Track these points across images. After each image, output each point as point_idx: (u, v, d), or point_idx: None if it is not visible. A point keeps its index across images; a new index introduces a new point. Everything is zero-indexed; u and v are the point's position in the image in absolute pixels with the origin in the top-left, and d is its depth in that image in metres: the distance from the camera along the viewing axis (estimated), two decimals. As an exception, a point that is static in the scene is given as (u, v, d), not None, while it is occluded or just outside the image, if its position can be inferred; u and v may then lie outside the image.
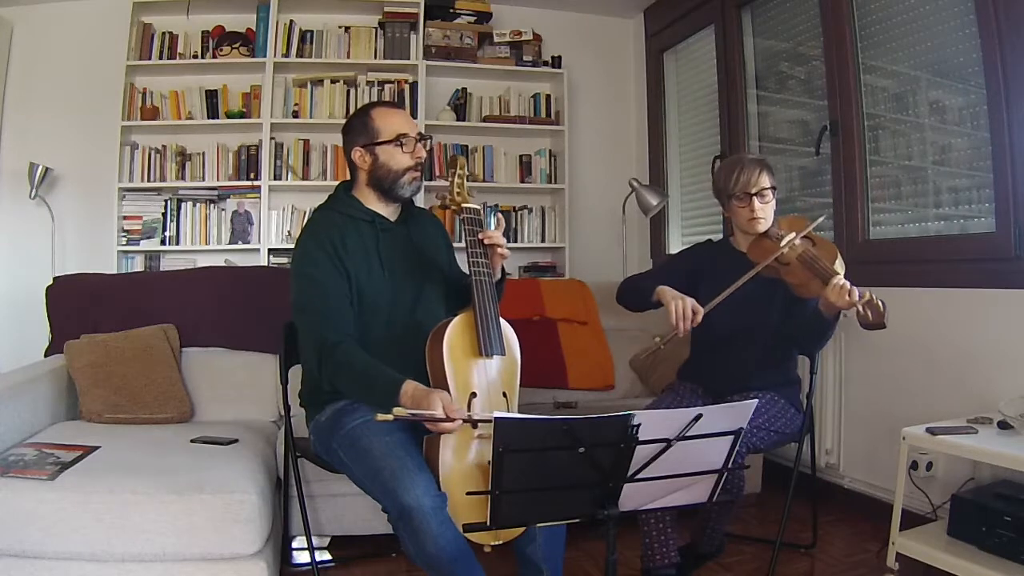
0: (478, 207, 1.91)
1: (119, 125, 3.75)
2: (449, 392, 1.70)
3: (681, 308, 2.02)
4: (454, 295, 2.03)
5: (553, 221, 4.38)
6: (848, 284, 1.93)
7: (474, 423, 1.64)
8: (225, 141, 3.98)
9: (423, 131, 1.94)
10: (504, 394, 1.78)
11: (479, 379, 1.75)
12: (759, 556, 2.45)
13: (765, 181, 2.17)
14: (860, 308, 1.88)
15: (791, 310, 2.18)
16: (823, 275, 1.99)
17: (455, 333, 1.74)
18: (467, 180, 1.94)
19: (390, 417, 1.49)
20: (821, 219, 2.34)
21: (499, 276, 1.93)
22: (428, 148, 1.95)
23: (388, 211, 1.98)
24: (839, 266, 2.04)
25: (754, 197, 2.16)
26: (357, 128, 1.93)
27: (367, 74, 4.10)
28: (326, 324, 1.79)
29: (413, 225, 2.02)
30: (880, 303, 1.87)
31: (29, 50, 3.85)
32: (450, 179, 1.93)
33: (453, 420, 1.56)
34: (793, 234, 2.13)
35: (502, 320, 1.82)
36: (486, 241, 1.84)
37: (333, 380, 1.80)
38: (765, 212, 2.18)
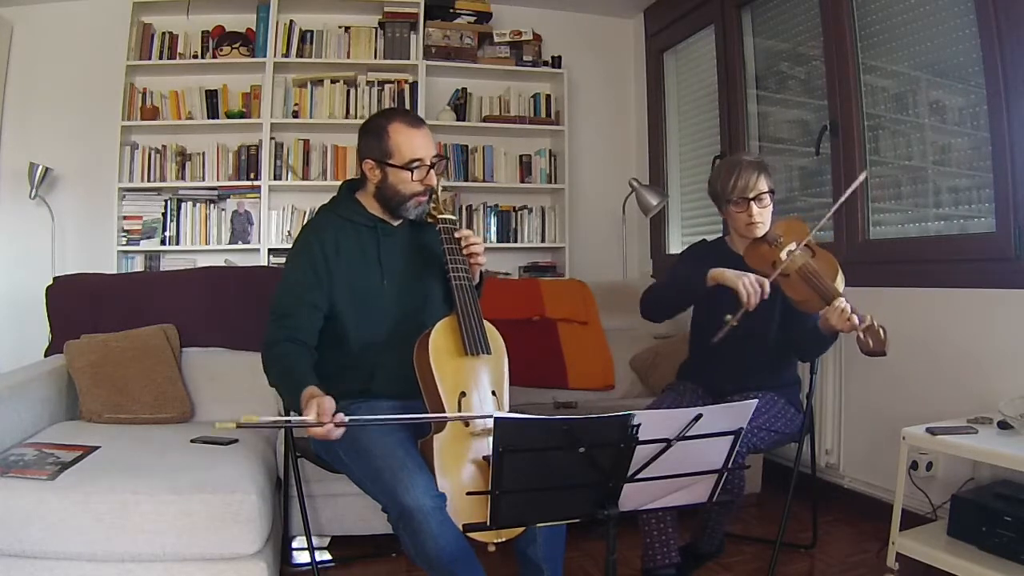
0: (454, 218, 1.96)
1: (119, 125, 3.75)
2: (439, 394, 1.71)
3: (750, 284, 1.96)
4: None
5: (553, 221, 4.38)
6: (849, 309, 1.89)
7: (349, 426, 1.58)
8: (225, 141, 3.98)
9: (434, 158, 1.92)
10: (493, 392, 1.79)
11: (467, 379, 1.76)
12: (759, 556, 2.45)
13: (763, 185, 2.14)
14: (860, 334, 1.85)
15: (789, 320, 2.17)
16: (825, 295, 1.96)
17: (439, 336, 1.76)
18: (441, 192, 1.97)
19: (231, 425, 1.43)
20: (829, 214, 2.23)
21: (478, 280, 1.95)
22: (442, 171, 1.94)
23: (391, 217, 1.97)
24: (840, 282, 2.01)
25: (752, 202, 2.13)
26: (372, 140, 1.89)
27: (367, 74, 4.10)
28: (279, 323, 1.83)
29: (417, 228, 2.01)
30: (881, 330, 1.84)
31: (29, 50, 3.85)
32: None
33: (324, 424, 1.50)
34: (793, 244, 2.08)
35: (485, 321, 1.84)
36: (466, 251, 1.87)
37: (267, 376, 1.83)
38: (763, 216, 2.15)
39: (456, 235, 1.88)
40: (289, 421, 1.58)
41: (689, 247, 2.45)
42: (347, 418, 1.53)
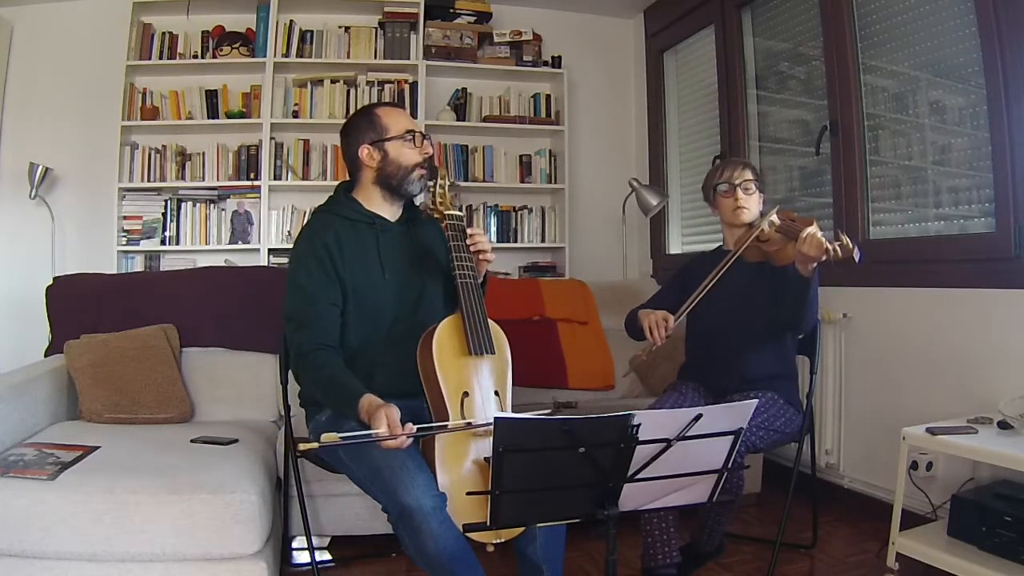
0: (461, 214, 1.94)
1: (119, 125, 3.75)
2: (442, 393, 1.71)
3: (652, 321, 2.15)
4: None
5: (553, 221, 4.38)
6: (819, 233, 1.96)
7: (418, 437, 1.58)
8: (225, 141, 3.98)
9: (423, 131, 1.97)
10: (496, 393, 1.79)
11: (470, 379, 1.76)
12: (759, 556, 2.45)
13: (748, 175, 2.31)
14: (831, 248, 1.91)
15: (777, 288, 2.18)
16: (795, 233, 2.03)
17: (443, 335, 1.76)
18: (448, 189, 1.96)
19: (315, 445, 1.45)
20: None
21: (482, 278, 1.95)
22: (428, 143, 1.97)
23: (390, 212, 1.98)
24: (814, 229, 2.06)
25: (738, 188, 2.28)
26: (363, 126, 1.93)
27: (367, 74, 4.10)
28: (306, 331, 1.81)
29: (414, 226, 2.02)
30: (847, 239, 1.91)
31: (29, 50, 3.85)
32: (432, 189, 1.95)
33: (397, 437, 1.51)
34: (774, 215, 2.20)
35: (490, 320, 1.83)
36: (472, 248, 1.86)
37: (305, 386, 1.84)
38: (749, 203, 2.28)
39: (468, 243, 1.87)
40: (361, 436, 1.51)
41: (688, 260, 2.53)
42: (415, 427, 1.54)
